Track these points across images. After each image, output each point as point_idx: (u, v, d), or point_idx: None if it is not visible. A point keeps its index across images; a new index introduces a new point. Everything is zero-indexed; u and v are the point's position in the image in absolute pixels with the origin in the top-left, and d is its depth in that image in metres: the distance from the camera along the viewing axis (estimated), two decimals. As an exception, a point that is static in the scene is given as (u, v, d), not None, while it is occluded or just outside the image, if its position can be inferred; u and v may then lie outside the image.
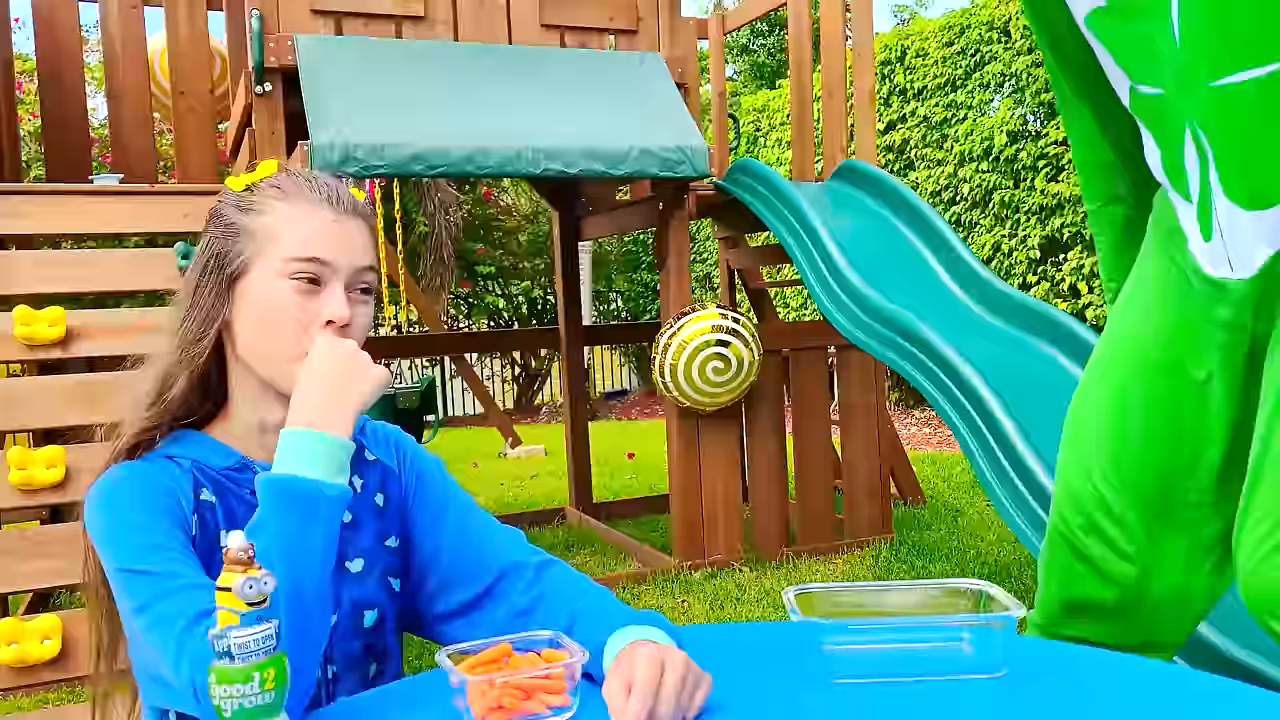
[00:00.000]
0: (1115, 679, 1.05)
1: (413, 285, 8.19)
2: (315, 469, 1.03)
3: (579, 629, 1.12)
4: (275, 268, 1.12)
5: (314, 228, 1.13)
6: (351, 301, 1.14)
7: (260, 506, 1.03)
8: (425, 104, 3.43)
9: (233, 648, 0.87)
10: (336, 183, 1.19)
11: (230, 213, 1.16)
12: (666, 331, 4.01)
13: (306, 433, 1.04)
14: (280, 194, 1.15)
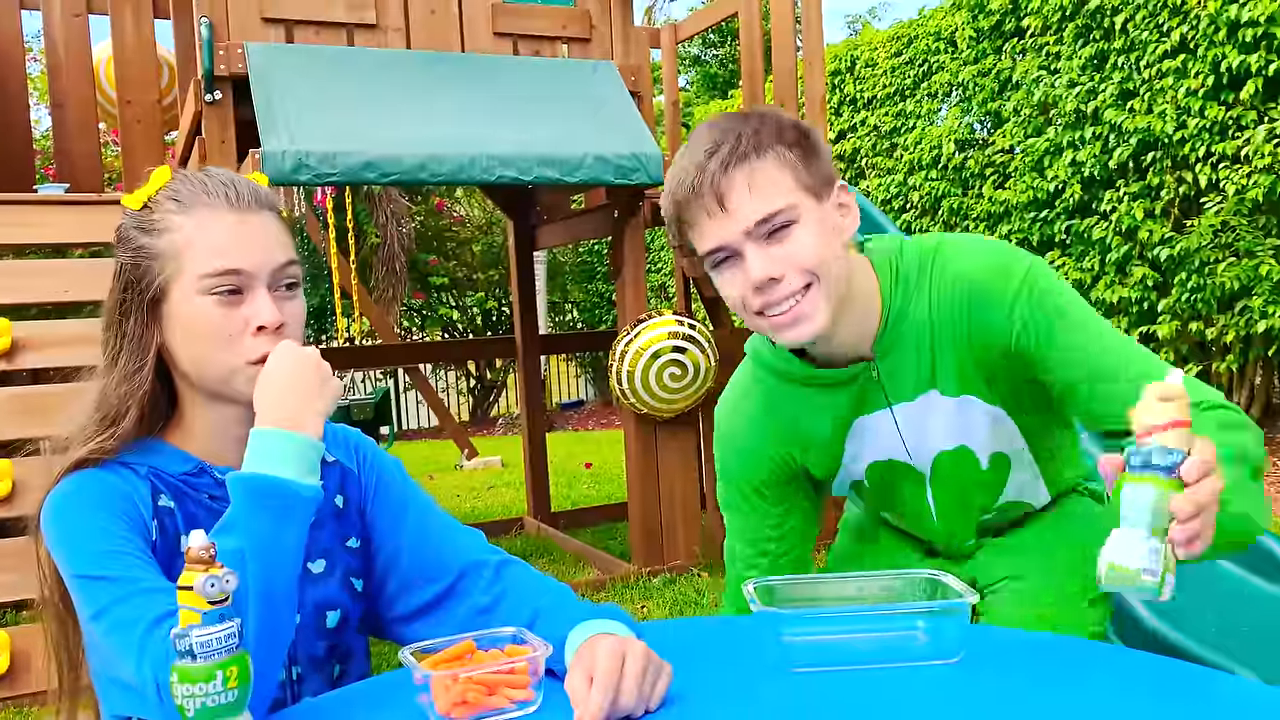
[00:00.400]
0: (1064, 662, 1.08)
1: (365, 297, 8.12)
2: (288, 468, 1.03)
3: (540, 625, 1.13)
4: (192, 286, 1.10)
5: (220, 236, 1.11)
6: (278, 300, 1.13)
7: (232, 505, 1.02)
8: (378, 112, 3.42)
9: (195, 646, 0.86)
10: (233, 176, 1.16)
11: (135, 235, 1.14)
12: (623, 339, 4.02)
13: (278, 432, 1.04)
14: (178, 205, 1.13)
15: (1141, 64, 6.13)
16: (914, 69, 8.21)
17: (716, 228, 1.20)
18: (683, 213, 1.22)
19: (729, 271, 1.23)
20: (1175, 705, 0.95)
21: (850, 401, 1.36)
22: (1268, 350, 5.93)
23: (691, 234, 1.24)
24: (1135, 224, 6.21)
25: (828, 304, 1.22)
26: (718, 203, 1.18)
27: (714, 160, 1.18)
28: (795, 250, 1.20)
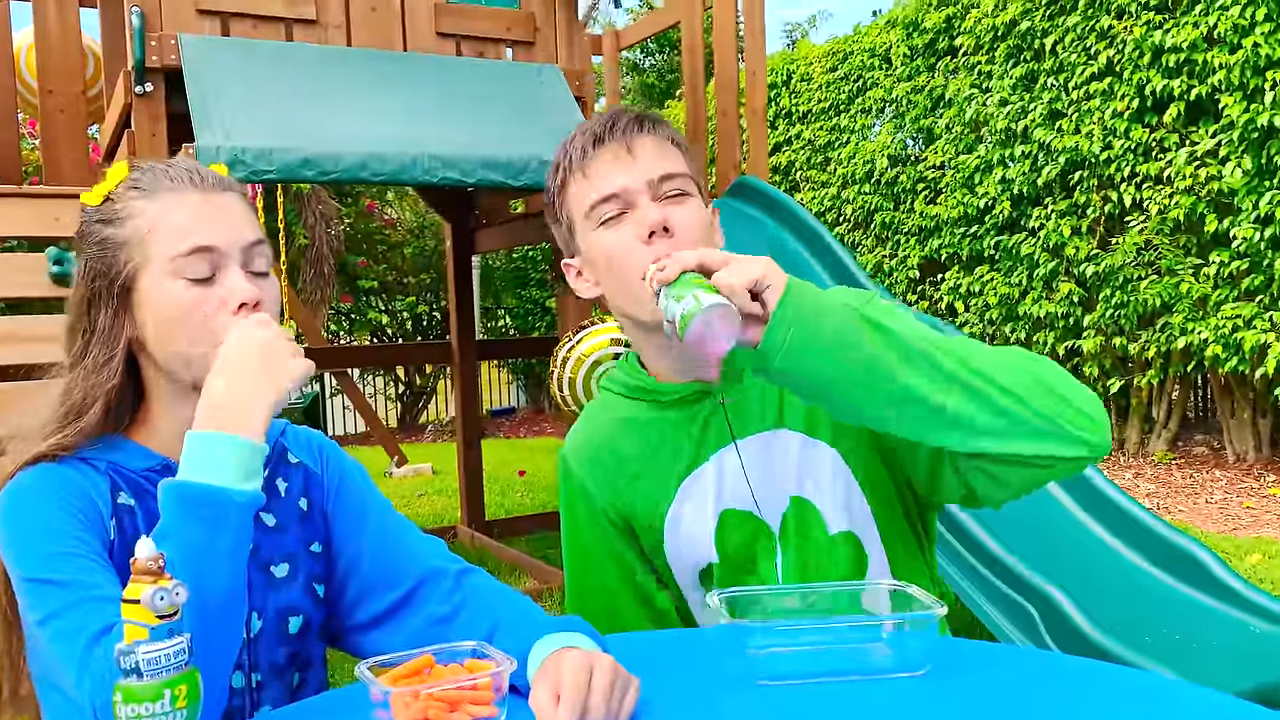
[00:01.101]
0: (1032, 675, 1.08)
1: (293, 298, 7.95)
2: (223, 474, 0.98)
3: (501, 637, 1.09)
4: (163, 269, 1.07)
5: (187, 215, 1.08)
6: (252, 280, 1.09)
7: (163, 514, 0.97)
8: (317, 109, 3.34)
9: (141, 664, 0.81)
10: (194, 163, 1.13)
11: (97, 229, 1.10)
12: (565, 345, 3.99)
13: (214, 435, 0.99)
14: (140, 192, 1.10)
15: (1070, 85, 6.31)
16: (849, 84, 8.33)
17: (620, 171, 1.20)
18: (584, 162, 1.22)
19: (618, 227, 1.21)
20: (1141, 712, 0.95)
21: (693, 431, 1.28)
22: (1186, 366, 6.13)
23: (583, 188, 1.22)
24: (1062, 241, 6.38)
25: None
26: (628, 149, 1.20)
27: (623, 119, 1.22)
28: (688, 216, 1.21)
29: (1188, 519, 5.29)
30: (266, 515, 1.17)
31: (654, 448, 1.30)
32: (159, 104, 3.28)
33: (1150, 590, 2.60)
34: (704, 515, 1.28)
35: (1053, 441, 1.07)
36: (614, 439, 1.32)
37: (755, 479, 1.27)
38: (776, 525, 1.28)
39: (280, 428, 1.25)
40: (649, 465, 1.30)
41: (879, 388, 1.06)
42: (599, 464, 1.33)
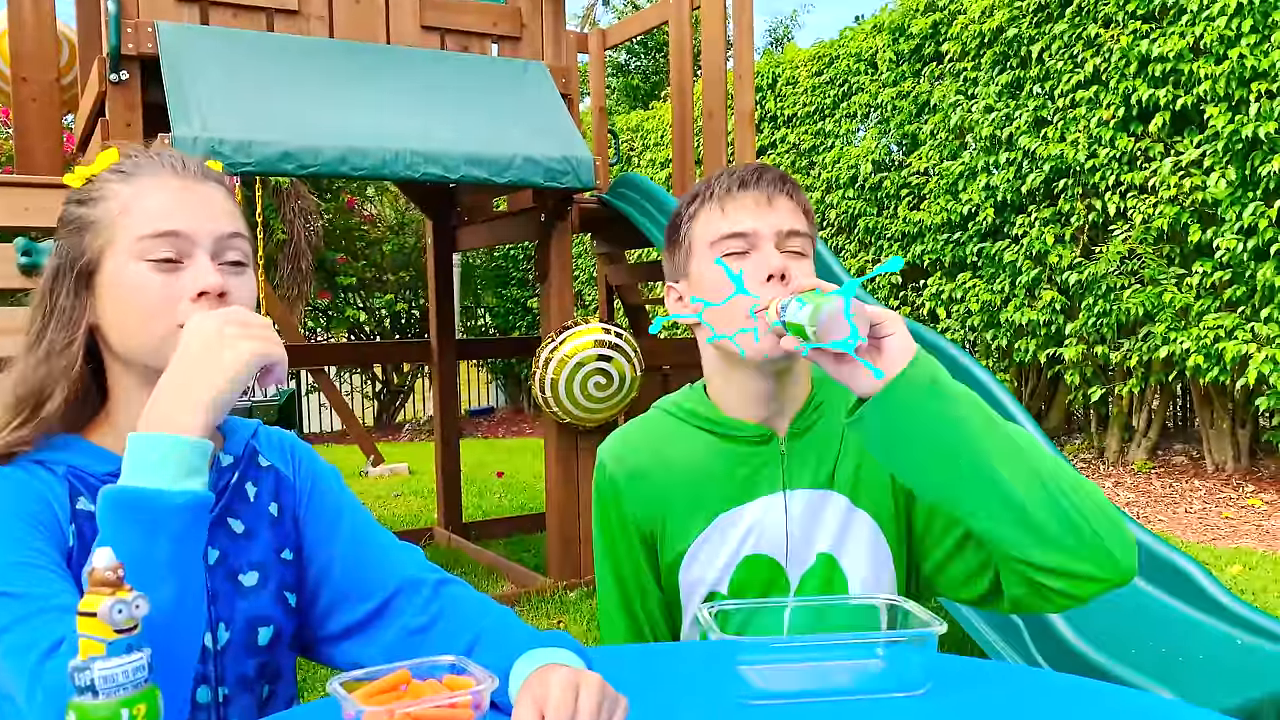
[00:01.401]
0: (1026, 694, 1.04)
1: (270, 294, 7.85)
2: (159, 476, 0.91)
3: (481, 651, 1.04)
4: (129, 250, 1.02)
5: (161, 199, 1.04)
6: (224, 272, 1.04)
7: (100, 525, 0.91)
8: (297, 101, 3.27)
9: (97, 681, 0.75)
10: (179, 154, 1.09)
11: (72, 210, 1.06)
12: (548, 346, 3.94)
13: (149, 436, 0.93)
14: (121, 175, 1.06)
15: (1056, 93, 6.31)
16: (834, 89, 8.32)
17: (758, 215, 1.26)
18: (727, 196, 1.28)
19: (740, 262, 1.25)
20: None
21: (745, 471, 1.29)
22: (1167, 376, 6.15)
23: (716, 218, 1.28)
24: (1045, 249, 6.38)
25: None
26: (768, 200, 1.27)
27: (770, 173, 1.30)
28: (803, 271, 1.26)
29: (1167, 529, 5.30)
30: (235, 522, 1.11)
31: (701, 476, 1.31)
32: (135, 93, 3.21)
33: (1137, 603, 2.57)
34: (728, 552, 1.29)
35: (1098, 563, 1.10)
36: (662, 458, 1.33)
37: (794, 532, 1.29)
38: (796, 580, 1.29)
39: (252, 429, 1.19)
40: (691, 492, 1.31)
41: (974, 472, 1.08)
42: (641, 478, 1.33)
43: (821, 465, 1.30)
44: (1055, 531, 1.08)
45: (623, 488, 1.34)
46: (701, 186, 1.33)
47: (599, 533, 1.39)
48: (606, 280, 5.35)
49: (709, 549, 1.30)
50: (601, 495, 1.37)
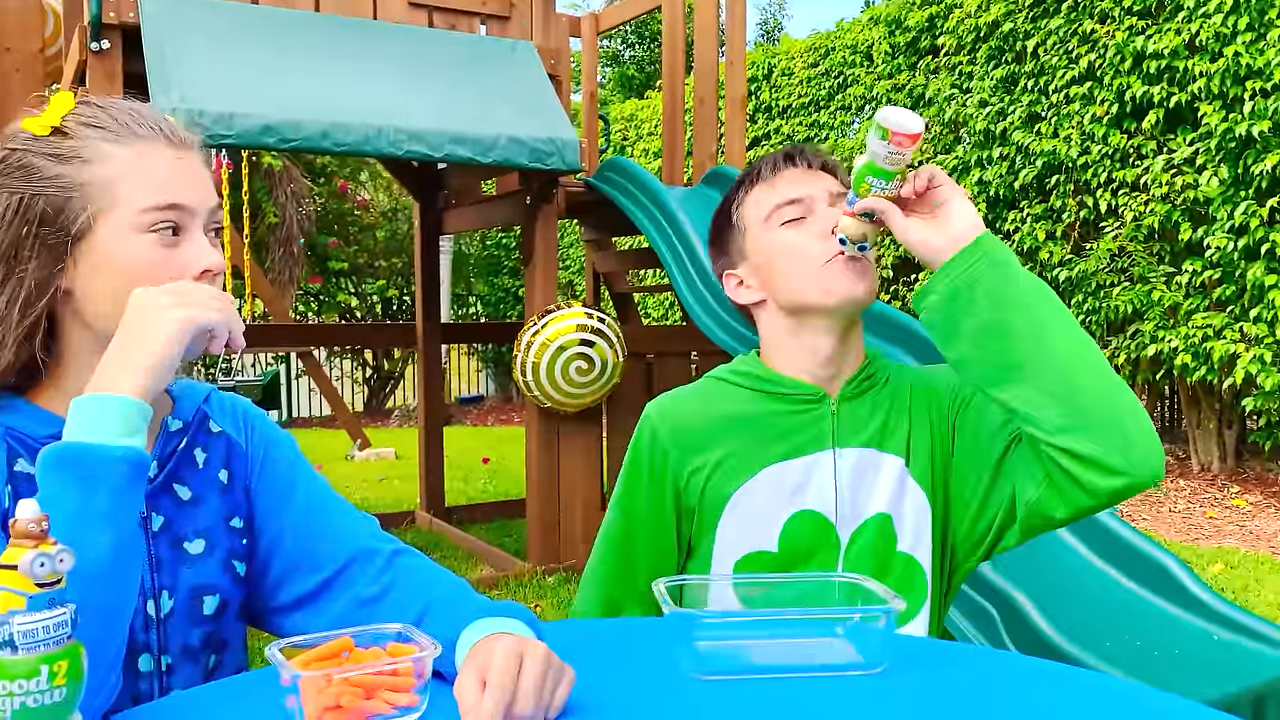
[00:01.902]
0: (987, 674, 1.03)
1: (260, 277, 7.81)
2: (100, 433, 0.90)
3: (431, 621, 1.02)
4: (128, 221, 0.99)
5: (162, 171, 1.01)
6: (214, 246, 1.05)
7: (39, 483, 0.89)
8: (280, 74, 3.23)
9: (15, 636, 0.73)
10: (159, 114, 1.06)
11: (46, 164, 1.00)
12: (530, 329, 3.91)
13: (90, 398, 0.92)
14: (106, 134, 1.01)
15: (1050, 88, 6.30)
16: (829, 80, 8.30)
17: (807, 183, 1.31)
18: (775, 172, 1.33)
19: (799, 225, 1.30)
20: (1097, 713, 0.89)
21: (796, 426, 1.31)
22: (1155, 374, 6.14)
23: (770, 191, 1.33)
24: (1036, 245, 6.37)
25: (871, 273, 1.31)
26: (813, 165, 1.34)
27: (810, 149, 1.37)
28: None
29: (1150, 527, 5.29)
30: (181, 488, 1.09)
31: (750, 429, 1.32)
32: (115, 62, 3.17)
33: (1114, 596, 2.56)
34: (778, 506, 1.29)
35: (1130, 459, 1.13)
36: (710, 413, 1.34)
37: (844, 490, 1.30)
38: (846, 537, 1.30)
39: (204, 394, 1.17)
40: (739, 445, 1.32)
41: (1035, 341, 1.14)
42: (685, 429, 1.33)
43: (874, 428, 1.32)
44: (1098, 417, 1.13)
45: (663, 437, 1.33)
46: (748, 169, 1.39)
47: (621, 489, 1.38)
48: (594, 267, 5.32)
49: (750, 501, 1.29)
50: (637, 447, 1.36)
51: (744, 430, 1.32)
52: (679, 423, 1.33)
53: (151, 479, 1.06)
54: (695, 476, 1.31)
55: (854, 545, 1.29)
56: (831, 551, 1.29)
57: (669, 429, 1.33)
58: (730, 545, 1.30)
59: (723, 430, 1.32)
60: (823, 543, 1.29)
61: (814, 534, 1.29)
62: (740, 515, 1.29)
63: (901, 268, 7.66)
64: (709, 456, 1.31)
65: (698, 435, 1.32)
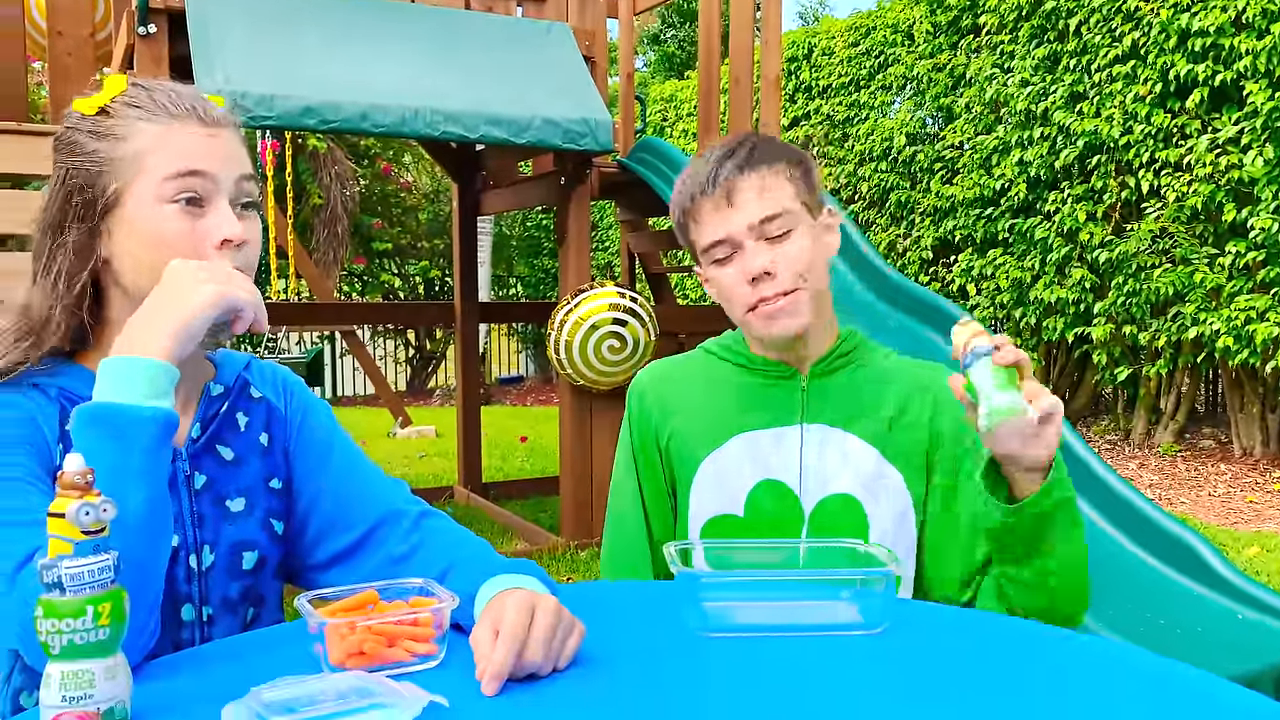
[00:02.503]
0: (996, 638, 1.06)
1: (304, 257, 7.94)
2: (130, 393, 0.95)
3: (453, 578, 1.08)
4: (153, 192, 1.04)
5: (187, 143, 1.06)
6: (240, 217, 1.08)
7: (74, 439, 0.94)
8: (320, 56, 3.30)
9: (64, 578, 0.79)
10: (195, 93, 1.11)
11: (85, 140, 1.07)
12: (564, 308, 3.96)
13: (117, 359, 0.97)
14: (142, 112, 1.07)
15: (1093, 67, 6.21)
16: (870, 60, 8.23)
17: (723, 221, 1.30)
18: (693, 208, 1.32)
19: (728, 267, 1.31)
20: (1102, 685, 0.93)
21: (769, 398, 1.37)
22: (1196, 357, 6.07)
23: (697, 231, 1.33)
24: (1077, 226, 6.30)
25: (811, 306, 1.31)
26: (727, 199, 1.29)
27: (728, 164, 1.30)
28: (791, 252, 1.29)
29: (1189, 511, 5.25)
30: (224, 449, 1.15)
31: (722, 398, 1.39)
32: (162, 45, 3.26)
33: (1139, 575, 2.57)
34: (746, 473, 1.35)
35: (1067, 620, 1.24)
36: (689, 380, 1.43)
37: (809, 463, 1.35)
38: (809, 509, 1.34)
39: (244, 362, 1.23)
40: (714, 409, 1.39)
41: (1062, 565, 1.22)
42: (665, 394, 1.42)
43: (843, 409, 1.36)
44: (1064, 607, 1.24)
45: (649, 402, 1.42)
46: (676, 192, 1.37)
47: (620, 453, 1.46)
48: (629, 247, 5.36)
49: (719, 468, 1.35)
50: (628, 414, 1.46)
51: (721, 398, 1.39)
52: (662, 389, 1.42)
53: (195, 440, 1.12)
54: (674, 439, 1.39)
55: (816, 518, 1.34)
56: (795, 521, 1.34)
57: (654, 395, 1.42)
58: (701, 507, 1.37)
59: (701, 397, 1.40)
60: (786, 512, 1.34)
61: (778, 503, 1.34)
62: (711, 478, 1.36)
63: (941, 249, 7.61)
64: (686, 420, 1.39)
65: (677, 400, 1.40)
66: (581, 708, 0.86)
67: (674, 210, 1.38)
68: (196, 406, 1.14)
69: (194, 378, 1.15)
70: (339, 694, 0.81)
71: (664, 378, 1.44)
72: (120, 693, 0.81)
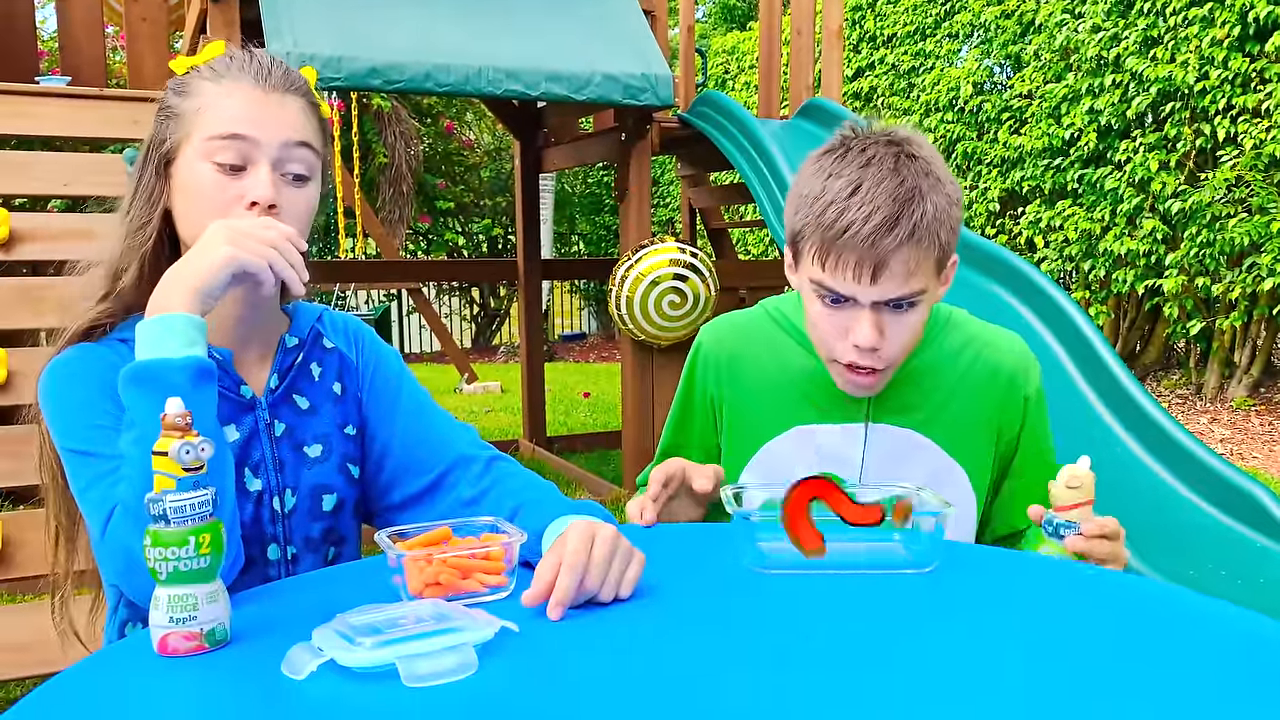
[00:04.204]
0: (1044, 578, 1.08)
1: (370, 216, 8.07)
2: (162, 348, 1.00)
3: (521, 517, 1.13)
4: (197, 149, 1.10)
5: (236, 104, 1.10)
6: (282, 183, 1.11)
7: (124, 400, 1.00)
8: (385, 18, 3.36)
9: (168, 511, 0.87)
10: (273, 60, 1.15)
11: (169, 95, 1.15)
12: (625, 263, 4.00)
13: (149, 322, 1.02)
14: (211, 73, 1.13)
15: (1167, 11, 6.01)
16: (936, 8, 8.05)
17: (857, 283, 1.20)
18: (826, 243, 1.20)
19: (835, 311, 1.23)
20: (1147, 622, 0.95)
21: (830, 394, 1.33)
22: (1272, 309, 5.91)
23: (818, 262, 1.22)
24: (1149, 175, 6.14)
25: (891, 374, 1.29)
26: (873, 271, 1.18)
27: (889, 236, 1.16)
28: (901, 335, 1.23)
29: (1261, 466, 5.15)
30: (300, 398, 1.21)
31: (788, 385, 1.36)
32: (233, 9, 3.33)
33: (1201, 526, 2.55)
34: (802, 464, 1.32)
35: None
36: (756, 357, 1.38)
37: (870, 464, 1.32)
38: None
39: (317, 313, 1.29)
40: (775, 397, 1.36)
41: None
42: (732, 367, 1.39)
43: (911, 407, 1.33)
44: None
45: (711, 367, 1.41)
46: (808, 205, 1.22)
47: (677, 401, 1.46)
48: (689, 203, 5.37)
49: (775, 456, 1.35)
50: (690, 367, 1.44)
51: (782, 383, 1.36)
52: (727, 356, 1.40)
53: (273, 390, 1.19)
54: (733, 417, 1.38)
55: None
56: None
57: (717, 359, 1.41)
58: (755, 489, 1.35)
59: (763, 378, 1.37)
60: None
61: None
62: (765, 465, 1.35)
63: (1008, 201, 7.48)
64: (746, 401, 1.37)
65: (739, 376, 1.39)
66: (639, 636, 0.91)
67: (798, 214, 1.24)
68: (274, 358, 1.20)
69: (270, 330, 1.21)
70: (418, 619, 0.88)
71: (730, 345, 1.40)
72: (220, 615, 0.89)
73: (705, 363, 1.42)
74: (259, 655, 0.85)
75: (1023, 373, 1.36)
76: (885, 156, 1.20)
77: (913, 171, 1.19)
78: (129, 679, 0.84)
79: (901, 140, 1.22)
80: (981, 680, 0.81)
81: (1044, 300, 3.15)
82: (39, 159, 3.01)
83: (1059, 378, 2.96)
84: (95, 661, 0.87)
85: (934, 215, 1.18)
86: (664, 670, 0.83)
